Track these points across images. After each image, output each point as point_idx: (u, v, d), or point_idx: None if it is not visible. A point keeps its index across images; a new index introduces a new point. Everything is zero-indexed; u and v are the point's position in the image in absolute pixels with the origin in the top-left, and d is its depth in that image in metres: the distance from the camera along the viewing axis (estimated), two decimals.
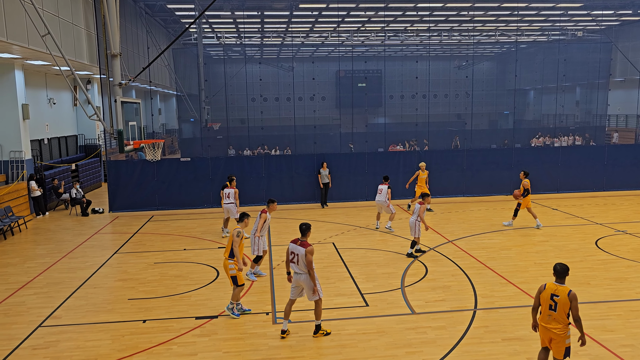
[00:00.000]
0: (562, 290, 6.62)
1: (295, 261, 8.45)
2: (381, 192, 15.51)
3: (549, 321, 6.69)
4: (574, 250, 13.27)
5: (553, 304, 6.62)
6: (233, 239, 9.26)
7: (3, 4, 13.66)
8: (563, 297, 6.58)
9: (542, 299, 6.74)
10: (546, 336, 6.79)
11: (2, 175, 18.07)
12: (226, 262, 9.34)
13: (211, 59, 36.59)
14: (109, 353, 8.19)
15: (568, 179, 21.52)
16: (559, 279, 6.73)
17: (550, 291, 6.68)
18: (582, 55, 32.14)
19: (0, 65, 17.61)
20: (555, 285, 6.72)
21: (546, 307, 6.69)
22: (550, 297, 6.66)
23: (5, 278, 12.02)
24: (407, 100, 39.06)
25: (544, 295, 6.72)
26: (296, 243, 8.49)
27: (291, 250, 8.51)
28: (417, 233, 12.68)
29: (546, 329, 6.73)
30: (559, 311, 6.60)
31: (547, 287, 6.74)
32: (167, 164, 19.90)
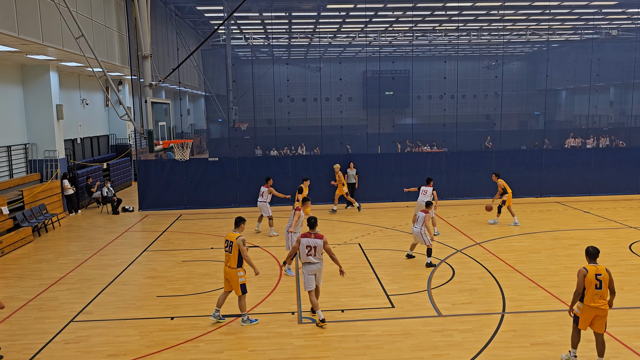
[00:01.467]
0: (601, 269, 7.35)
1: (313, 253, 9.06)
2: (426, 194, 15.10)
3: (596, 300, 7.29)
4: (607, 255, 12.92)
5: (598, 283, 7.26)
6: (241, 248, 8.94)
7: (39, 7, 14.06)
8: (605, 275, 7.31)
9: (588, 282, 7.29)
10: (591, 316, 7.36)
11: (36, 174, 18.59)
12: (233, 271, 8.98)
13: (239, 60, 36.89)
14: (138, 349, 8.35)
15: (601, 182, 20.99)
16: (594, 260, 7.47)
17: (593, 272, 7.31)
18: (616, 54, 31.26)
19: (36, 67, 18.13)
20: (594, 266, 7.38)
21: (592, 288, 7.28)
22: (595, 277, 7.28)
23: (39, 274, 12.36)
24: (434, 101, 38.64)
25: (589, 278, 7.30)
26: (310, 237, 9.08)
27: (306, 244, 9.07)
28: (427, 241, 12.22)
29: (593, 308, 7.30)
30: (604, 288, 7.29)
31: (589, 270, 7.34)
32: (195, 164, 20.16)
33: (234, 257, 8.98)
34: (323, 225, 16.85)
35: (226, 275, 9.16)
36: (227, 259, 9.09)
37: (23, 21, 13.18)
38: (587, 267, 7.37)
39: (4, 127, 17.31)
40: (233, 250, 8.96)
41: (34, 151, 18.68)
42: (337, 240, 14.83)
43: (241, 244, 8.98)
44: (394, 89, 32.96)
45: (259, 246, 14.31)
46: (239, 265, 9.02)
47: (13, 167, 17.82)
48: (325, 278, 11.49)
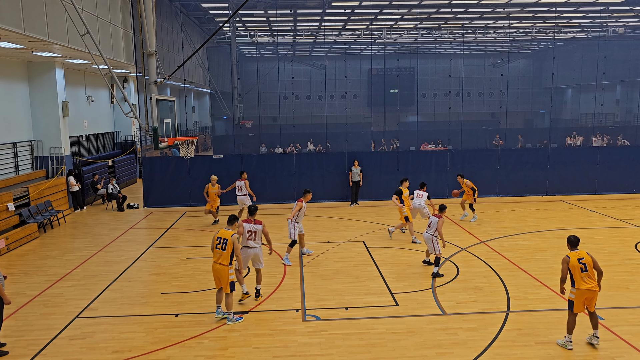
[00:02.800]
0: (583, 253, 7.94)
1: (253, 237, 10.00)
2: (421, 197, 14.68)
3: (586, 282, 7.81)
4: (612, 254, 12.88)
5: (583, 267, 7.82)
6: (235, 245, 8.98)
7: (45, 5, 14.10)
8: (587, 257, 7.91)
9: (573, 267, 7.84)
10: (583, 297, 7.82)
11: (42, 171, 18.66)
12: (225, 269, 8.95)
13: (244, 57, 36.89)
14: (143, 345, 8.38)
15: (607, 180, 20.90)
16: (575, 248, 8.06)
17: (576, 257, 7.89)
18: (623, 52, 31.08)
19: (41, 64, 18.19)
20: (575, 252, 7.98)
21: (579, 272, 7.81)
22: (578, 262, 7.85)
23: (44, 270, 12.42)
24: (439, 99, 38.55)
25: (573, 263, 7.86)
26: (250, 222, 10.01)
27: (248, 229, 9.98)
28: (436, 249, 11.48)
29: (585, 290, 7.78)
30: (589, 270, 7.84)
31: (571, 257, 7.92)
32: (200, 161, 20.20)
33: (227, 255, 8.99)
34: (327, 223, 16.86)
35: (216, 272, 9.11)
36: (218, 256, 9.04)
37: (29, 18, 13.22)
38: (569, 255, 7.96)
39: (10, 124, 17.38)
40: (227, 248, 8.97)
41: (40, 148, 18.76)
42: (341, 238, 14.83)
43: (236, 242, 9.03)
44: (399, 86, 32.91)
45: (263, 244, 14.29)
46: (231, 263, 9.05)
47: (19, 164, 17.91)
48: (329, 276, 11.52)
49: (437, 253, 11.49)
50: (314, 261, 12.65)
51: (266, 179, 20.20)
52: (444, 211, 11.91)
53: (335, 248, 13.75)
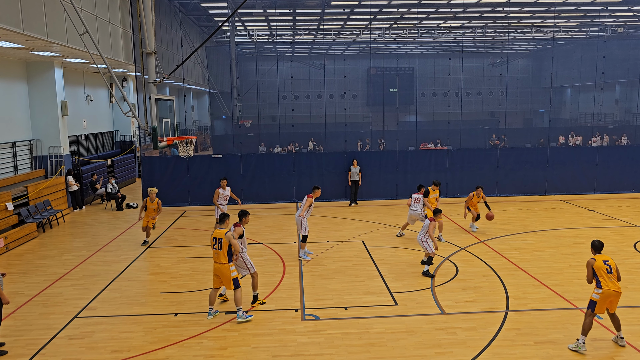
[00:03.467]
0: (607, 257, 7.94)
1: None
2: (418, 202, 14.16)
3: (614, 282, 7.77)
4: (612, 253, 12.83)
5: (609, 268, 7.81)
6: (231, 241, 9.03)
7: (44, 4, 14.08)
8: (611, 261, 7.91)
9: (598, 269, 7.81)
10: (608, 299, 7.78)
11: (41, 170, 18.64)
12: (224, 267, 9.03)
13: (243, 57, 36.87)
14: (142, 345, 8.37)
15: (606, 180, 20.91)
16: (599, 252, 8.06)
17: (601, 259, 7.89)
18: (622, 51, 31.09)
19: (40, 64, 18.16)
20: (600, 255, 7.98)
21: (605, 273, 7.78)
22: (604, 263, 7.84)
23: (43, 269, 12.41)
24: (439, 98, 38.54)
25: (599, 265, 7.83)
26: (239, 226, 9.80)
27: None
28: (428, 249, 11.42)
29: (610, 292, 7.73)
30: (614, 272, 7.83)
31: (597, 259, 7.90)
32: (199, 161, 20.19)
33: (224, 254, 9.05)
34: (326, 222, 16.86)
35: (217, 271, 9.19)
36: (216, 256, 9.14)
37: (28, 18, 13.20)
38: (594, 257, 7.96)
39: (9, 123, 17.36)
40: (223, 247, 9.03)
41: (39, 147, 18.73)
42: (340, 237, 14.83)
43: (231, 237, 9.09)
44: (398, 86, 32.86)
45: (262, 243, 14.33)
46: (229, 261, 9.11)
47: (18, 163, 17.88)
48: (329, 275, 11.52)
49: (430, 252, 11.44)
50: (313, 261, 12.65)
51: (265, 178, 20.20)
52: (438, 215, 11.87)
53: (334, 247, 13.75)
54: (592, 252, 8.14)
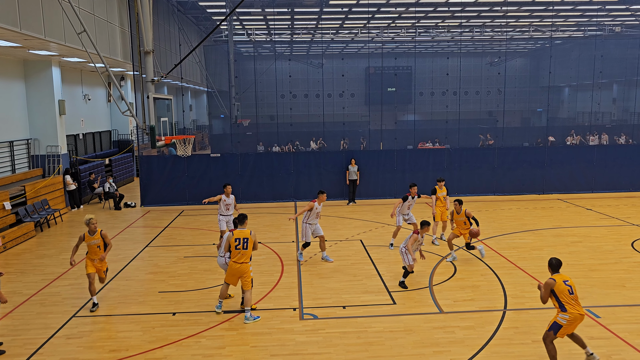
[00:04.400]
0: (566, 276, 7.34)
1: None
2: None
3: (578, 306, 7.19)
4: (609, 252, 12.92)
5: (569, 288, 7.22)
6: (256, 241, 9.15)
7: (41, 2, 14.04)
8: (570, 280, 7.34)
9: (560, 292, 7.20)
10: (576, 323, 7.23)
11: (39, 169, 18.61)
12: (247, 266, 9.08)
13: (241, 56, 36.85)
14: (140, 344, 8.37)
15: (603, 179, 20.95)
16: (556, 271, 7.41)
17: (561, 279, 7.26)
18: (620, 51, 31.13)
19: (38, 63, 18.12)
20: (559, 275, 7.32)
21: (567, 294, 7.18)
22: (564, 284, 7.24)
23: (41, 269, 12.39)
24: (437, 97, 38.57)
25: (560, 288, 7.21)
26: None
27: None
28: (407, 261, 10.63)
29: (577, 315, 7.16)
30: (575, 293, 7.25)
31: (557, 280, 7.25)
32: (197, 160, 20.17)
33: (249, 253, 9.13)
34: (324, 221, 16.84)
35: (237, 272, 9.10)
36: (240, 256, 9.05)
37: (25, 16, 13.17)
38: (553, 277, 7.27)
39: (7, 122, 17.32)
40: (249, 246, 9.07)
41: (36, 146, 18.70)
42: (338, 236, 14.83)
43: (255, 238, 9.22)
44: (397, 85, 32.89)
45: (260, 242, 14.32)
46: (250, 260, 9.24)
47: (15, 163, 17.85)
48: (327, 274, 11.53)
49: (408, 265, 10.60)
50: (311, 260, 12.65)
51: (263, 177, 20.19)
52: (425, 228, 10.72)
53: (332, 247, 13.75)
54: (550, 271, 7.44)
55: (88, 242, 9.82)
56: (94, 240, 9.83)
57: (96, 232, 9.82)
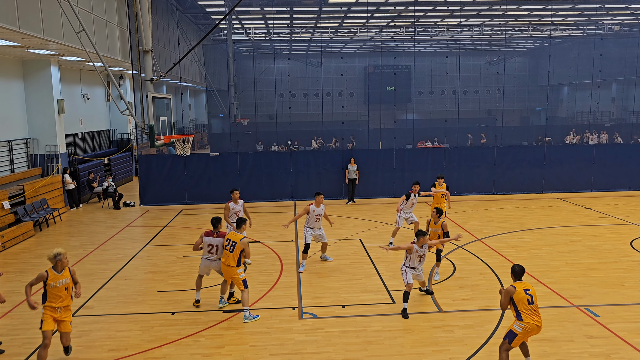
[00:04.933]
0: (527, 285, 7.16)
1: (214, 252, 9.48)
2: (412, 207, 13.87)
3: (533, 314, 7.00)
4: (608, 251, 12.93)
5: (529, 298, 7.04)
6: (246, 250, 9.16)
7: (40, 1, 14.02)
8: (532, 289, 7.14)
9: (518, 299, 7.03)
10: (531, 333, 7.07)
11: (38, 169, 18.59)
12: (233, 270, 9.10)
13: (240, 55, 36.83)
14: (139, 343, 8.36)
15: (602, 178, 20.97)
16: (519, 278, 7.23)
17: (522, 288, 7.08)
18: (619, 50, 31.16)
19: (37, 62, 18.10)
20: (520, 283, 7.16)
21: (525, 303, 7.01)
22: (525, 293, 7.06)
23: (40, 268, 12.33)
24: (436, 97, 38.59)
25: (520, 297, 7.03)
26: (212, 235, 9.51)
27: (209, 243, 9.49)
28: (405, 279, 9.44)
29: (533, 326, 6.99)
30: (535, 302, 7.07)
31: (517, 287, 7.09)
32: (196, 159, 20.15)
33: (234, 257, 9.12)
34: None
35: (224, 271, 9.30)
36: (225, 257, 9.20)
37: (24, 15, 13.15)
38: (514, 285, 7.12)
39: (5, 121, 17.29)
40: (235, 250, 9.09)
41: (35, 146, 18.67)
42: (338, 236, 14.83)
43: (246, 245, 9.18)
44: (396, 84, 32.90)
45: (259, 241, 14.32)
46: (238, 264, 9.16)
47: (14, 162, 17.82)
48: (326, 273, 11.53)
49: (405, 284, 9.42)
50: (310, 259, 12.64)
51: (263, 177, 20.18)
52: (420, 239, 9.41)
53: (331, 246, 13.75)
54: (512, 278, 7.27)
55: (53, 282, 7.61)
56: (61, 280, 7.64)
57: (64, 269, 7.77)
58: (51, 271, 7.68)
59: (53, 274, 7.66)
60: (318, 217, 11.86)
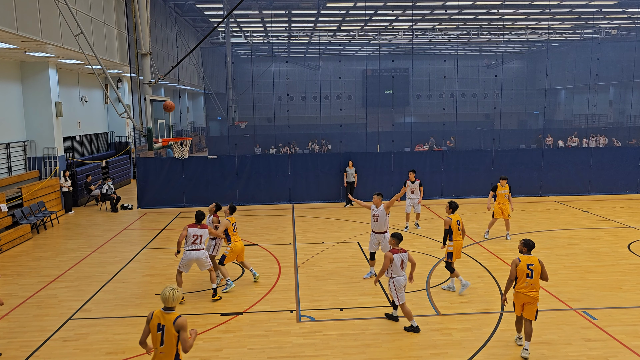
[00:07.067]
0: (534, 259, 7.81)
1: (199, 242, 10.08)
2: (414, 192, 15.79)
3: (526, 287, 7.72)
4: (605, 254, 12.95)
5: (529, 272, 7.73)
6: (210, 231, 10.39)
7: (38, 4, 14.02)
8: (537, 265, 7.76)
9: (520, 271, 7.77)
10: (521, 302, 7.80)
11: (35, 171, 18.56)
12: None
13: (239, 58, 36.85)
14: (136, 346, 8.31)
15: (600, 181, 21.02)
16: (529, 252, 7.91)
17: (525, 262, 7.78)
18: (616, 53, 31.27)
19: (35, 64, 18.09)
20: (527, 257, 7.84)
21: (524, 276, 7.73)
22: (527, 267, 7.74)
23: (37, 271, 12.35)
24: (434, 100, 38.66)
25: (521, 267, 7.77)
26: (196, 227, 10.15)
27: (193, 234, 10.07)
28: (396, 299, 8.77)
29: (523, 294, 7.74)
30: (535, 277, 7.73)
31: (522, 260, 7.80)
32: (194, 162, 20.15)
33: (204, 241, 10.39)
34: (322, 224, 16.85)
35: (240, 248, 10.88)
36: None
37: (22, 18, 13.15)
38: (520, 257, 7.84)
39: (3, 124, 17.27)
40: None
41: (33, 148, 18.65)
42: (336, 238, 14.83)
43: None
44: (394, 87, 32.95)
45: (257, 244, 14.31)
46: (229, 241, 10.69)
47: (12, 164, 17.79)
48: (324, 277, 11.52)
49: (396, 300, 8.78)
50: (308, 262, 12.65)
51: (261, 179, 20.18)
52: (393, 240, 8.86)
53: (330, 249, 13.75)
54: (524, 250, 7.89)
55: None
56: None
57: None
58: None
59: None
60: (375, 217, 11.12)
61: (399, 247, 8.83)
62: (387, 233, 11.02)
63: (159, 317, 5.73)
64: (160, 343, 5.61)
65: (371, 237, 11.35)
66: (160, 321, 5.68)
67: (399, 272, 8.69)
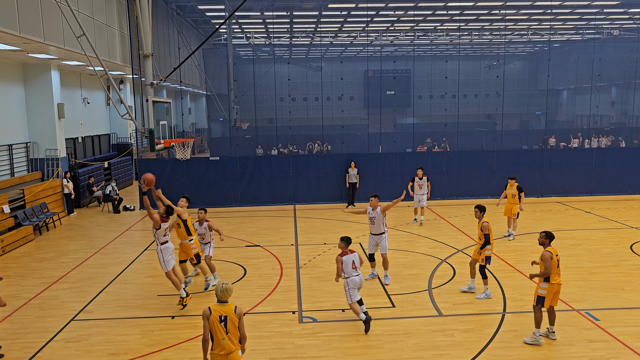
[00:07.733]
0: (555, 250, 8.29)
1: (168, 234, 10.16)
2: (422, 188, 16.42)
3: (558, 277, 8.23)
4: (608, 255, 12.93)
5: (558, 262, 8.20)
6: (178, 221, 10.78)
7: (40, 6, 14.06)
8: (558, 254, 8.30)
9: (553, 263, 8.12)
10: (553, 292, 8.21)
11: (38, 173, 18.59)
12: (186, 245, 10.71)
13: (240, 59, 36.89)
14: (139, 348, 8.35)
15: (602, 182, 20.98)
16: (550, 243, 8.38)
17: (555, 254, 8.22)
18: (618, 54, 31.22)
19: (37, 66, 18.13)
20: (552, 248, 8.28)
21: (555, 267, 8.14)
22: (555, 258, 8.18)
23: (40, 272, 12.37)
24: (436, 100, 38.64)
25: (554, 260, 8.14)
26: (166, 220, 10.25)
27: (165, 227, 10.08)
28: (349, 297, 8.88)
29: (555, 285, 8.17)
30: (560, 265, 8.33)
31: (552, 253, 8.18)
32: (196, 163, 20.16)
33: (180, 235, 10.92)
34: (324, 225, 16.84)
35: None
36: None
37: (24, 20, 13.19)
38: (549, 250, 8.20)
39: (6, 125, 17.32)
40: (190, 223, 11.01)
41: (35, 150, 18.69)
42: (338, 239, 14.74)
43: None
44: (395, 88, 32.94)
45: (259, 245, 14.31)
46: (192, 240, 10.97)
47: (14, 166, 17.83)
48: (326, 278, 11.51)
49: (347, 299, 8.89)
50: (310, 263, 12.65)
51: (262, 180, 20.19)
52: (342, 243, 9.18)
53: (332, 250, 13.74)
54: (547, 242, 8.34)
55: None
56: None
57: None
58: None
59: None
60: (372, 219, 11.14)
61: (348, 249, 9.13)
62: (385, 234, 11.12)
63: (217, 311, 6.34)
64: (226, 332, 6.34)
65: (370, 239, 11.39)
66: (220, 313, 6.33)
67: (352, 272, 8.93)
